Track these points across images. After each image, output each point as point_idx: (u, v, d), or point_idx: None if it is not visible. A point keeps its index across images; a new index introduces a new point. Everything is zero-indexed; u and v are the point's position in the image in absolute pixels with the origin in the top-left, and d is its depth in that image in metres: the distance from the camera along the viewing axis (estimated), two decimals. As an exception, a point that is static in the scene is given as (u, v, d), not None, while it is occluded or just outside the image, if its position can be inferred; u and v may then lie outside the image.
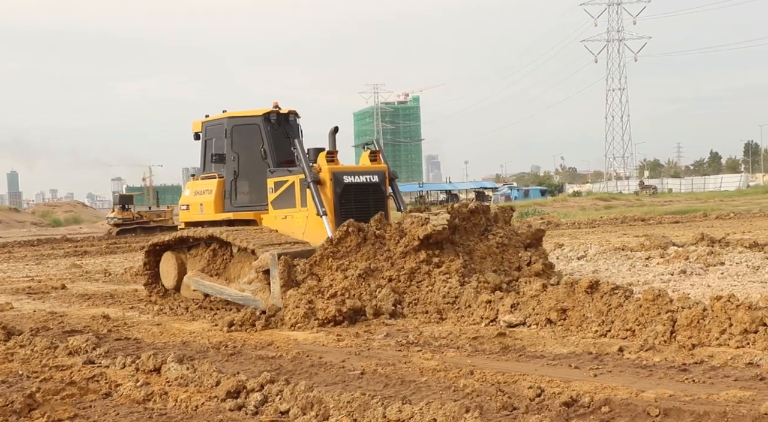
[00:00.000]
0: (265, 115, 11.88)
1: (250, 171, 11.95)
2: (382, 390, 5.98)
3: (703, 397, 5.07)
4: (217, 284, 10.93)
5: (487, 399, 5.38)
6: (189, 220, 12.80)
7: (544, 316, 8.16)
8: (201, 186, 12.66)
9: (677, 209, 38.37)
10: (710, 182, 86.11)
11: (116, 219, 40.69)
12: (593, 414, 4.90)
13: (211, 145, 12.45)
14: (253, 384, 5.95)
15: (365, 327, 8.81)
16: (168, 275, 12.49)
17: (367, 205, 10.90)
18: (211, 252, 11.60)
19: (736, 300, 7.02)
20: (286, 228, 11.17)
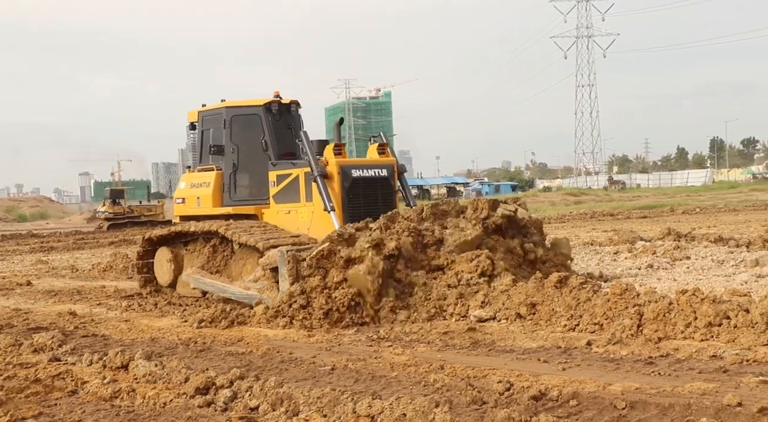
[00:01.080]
0: (266, 105, 11.43)
1: (250, 163, 11.48)
2: (352, 386, 5.98)
3: (669, 390, 5.14)
4: (219, 282, 10.46)
5: (457, 394, 5.40)
6: (185, 214, 12.26)
7: (513, 311, 8.22)
8: (198, 178, 12.11)
9: (645, 204, 38.87)
10: (677, 177, 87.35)
11: (107, 213, 40.49)
12: (561, 408, 4.94)
13: (209, 136, 11.94)
14: (223, 381, 5.91)
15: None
16: (163, 271, 12.03)
17: (376, 200, 10.47)
18: (211, 249, 11.12)
19: (701, 293, 7.13)
20: (290, 224, 10.72)
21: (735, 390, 4.98)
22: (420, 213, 9.92)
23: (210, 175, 11.79)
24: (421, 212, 9.96)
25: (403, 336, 7.91)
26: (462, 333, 7.75)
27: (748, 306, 6.75)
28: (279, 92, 11.76)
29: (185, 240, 11.78)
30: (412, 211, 10.03)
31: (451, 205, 10.29)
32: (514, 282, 8.77)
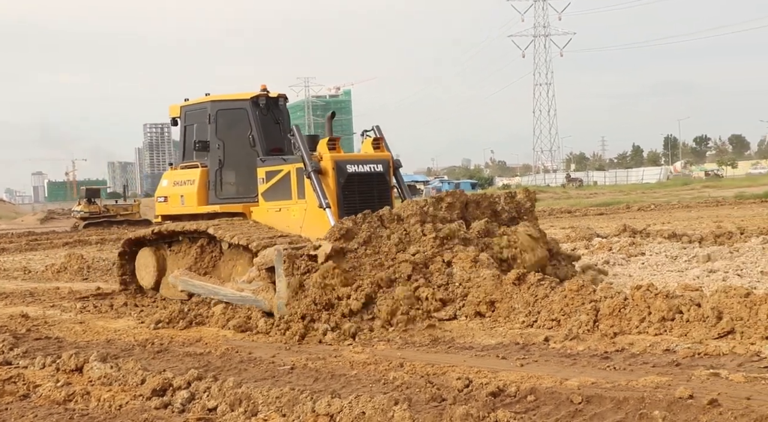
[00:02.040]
0: (253, 99, 10.97)
1: (236, 160, 11.02)
2: (312, 385, 5.97)
3: (623, 384, 5.23)
4: (209, 284, 9.94)
5: (417, 391, 5.42)
6: (167, 214, 11.74)
7: (473, 308, 8.27)
8: (181, 176, 11.58)
9: (602, 201, 39.47)
10: (633, 175, 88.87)
11: (83, 212, 39.94)
12: (519, 404, 4.99)
13: (192, 132, 11.42)
14: (180, 382, 5.84)
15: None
16: (145, 273, 11.48)
17: (372, 196, 10.05)
18: (198, 249, 10.64)
19: (655, 289, 7.27)
20: (280, 222, 10.29)
21: (687, 383, 5.09)
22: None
23: (194, 172, 11.33)
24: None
25: (362, 334, 7.90)
26: (422, 331, 7.78)
27: (700, 300, 6.90)
28: (266, 85, 11.32)
29: (169, 240, 11.31)
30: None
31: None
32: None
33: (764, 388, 4.87)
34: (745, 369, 5.41)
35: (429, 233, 8.92)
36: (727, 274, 9.97)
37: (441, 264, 8.65)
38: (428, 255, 8.70)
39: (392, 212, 9.17)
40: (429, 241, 8.83)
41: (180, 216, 11.42)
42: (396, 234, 8.88)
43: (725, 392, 4.76)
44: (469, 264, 8.52)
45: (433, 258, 8.68)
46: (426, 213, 9.27)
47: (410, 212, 9.18)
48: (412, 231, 8.99)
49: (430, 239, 8.85)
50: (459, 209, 9.77)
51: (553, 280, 8.23)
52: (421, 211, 9.23)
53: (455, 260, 8.62)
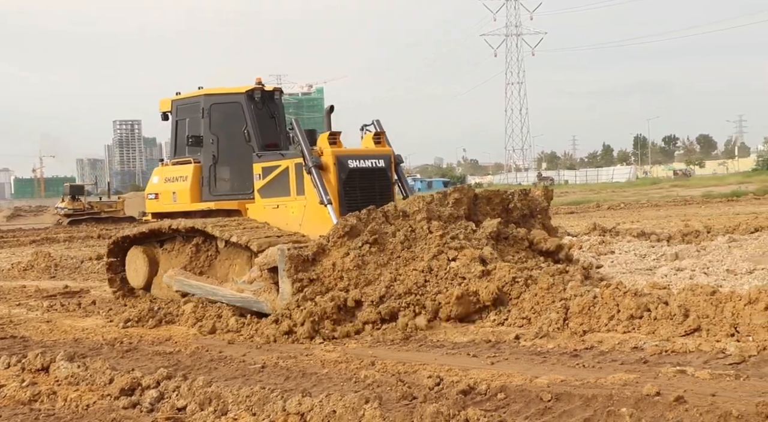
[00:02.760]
0: (248, 93, 10.64)
1: (231, 155, 10.69)
2: (282, 384, 5.95)
3: (592, 381, 5.28)
4: (207, 284, 9.55)
5: (388, 390, 5.43)
6: (159, 211, 11.37)
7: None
8: (173, 172, 11.21)
9: (572, 200, 39.83)
10: (603, 174, 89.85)
11: (66, 209, 39.51)
12: (489, 401, 5.02)
13: (184, 126, 11.08)
14: (149, 381, 5.79)
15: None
16: (136, 273, 11.08)
17: (373, 192, 9.75)
18: (193, 248, 10.26)
19: (624, 287, 7.35)
20: (278, 220, 9.94)
21: (654, 380, 5.15)
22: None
23: (187, 168, 10.97)
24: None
25: (334, 332, 7.89)
26: (394, 329, 7.78)
27: (668, 298, 6.99)
28: (261, 79, 11.03)
29: (161, 238, 10.97)
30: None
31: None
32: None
33: (729, 385, 4.95)
34: (710, 366, 5.49)
35: (435, 231, 8.64)
36: (694, 272, 10.11)
37: (445, 262, 8.34)
38: (434, 252, 8.40)
39: (398, 208, 8.93)
40: (435, 239, 8.55)
41: (172, 214, 11.07)
42: (402, 232, 8.61)
43: (691, 389, 4.83)
44: (470, 262, 8.22)
45: (438, 256, 8.38)
46: (433, 210, 8.98)
47: (416, 208, 8.92)
48: (418, 229, 8.71)
49: (436, 237, 8.57)
50: (466, 205, 9.47)
51: (528, 278, 8.17)
52: (428, 208, 8.94)
53: (459, 257, 8.31)
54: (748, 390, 4.78)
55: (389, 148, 10.33)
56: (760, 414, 4.11)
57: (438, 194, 9.27)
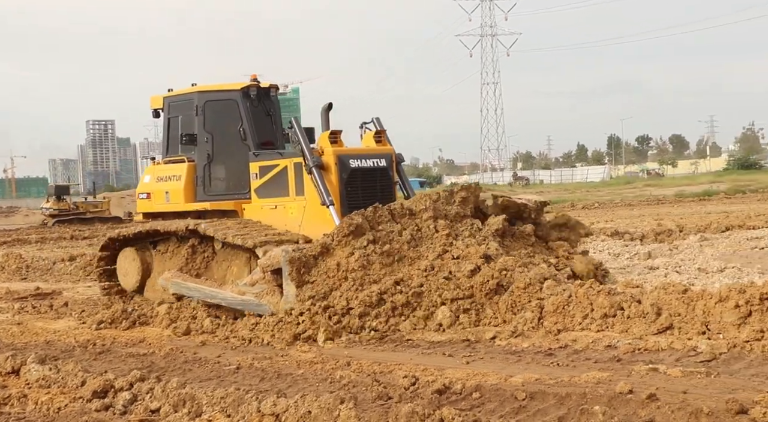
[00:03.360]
0: (243, 90, 10.37)
1: (226, 154, 10.41)
2: (257, 384, 5.93)
3: (566, 380, 5.32)
4: (205, 287, 9.21)
5: (363, 390, 5.43)
6: (151, 211, 11.02)
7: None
8: (166, 171, 10.87)
9: (547, 199, 40.01)
10: (577, 173, 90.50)
11: (52, 209, 38.99)
12: (464, 401, 5.04)
13: (177, 124, 10.76)
14: (122, 383, 5.73)
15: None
16: (128, 275, 10.74)
17: (375, 192, 9.46)
18: (189, 249, 9.96)
19: (597, 286, 7.42)
20: (277, 220, 9.66)
21: (627, 378, 5.20)
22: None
23: (181, 167, 10.64)
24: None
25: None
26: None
27: (640, 297, 7.06)
28: (257, 75, 10.76)
29: (154, 240, 10.65)
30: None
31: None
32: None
33: (700, 382, 5.01)
34: (682, 363, 5.56)
35: (442, 229, 8.46)
36: (666, 271, 10.23)
37: (449, 261, 8.20)
38: (438, 252, 8.25)
39: (404, 206, 8.76)
40: (441, 238, 8.38)
41: (165, 214, 10.79)
42: (408, 231, 8.41)
43: (663, 386, 4.89)
44: (478, 260, 8.07)
45: (443, 255, 8.24)
46: (439, 209, 8.78)
47: (423, 207, 8.72)
48: (425, 228, 8.54)
49: (442, 236, 8.39)
50: (473, 204, 9.27)
51: (505, 278, 8.06)
52: (435, 206, 8.74)
53: (464, 254, 8.18)
54: (718, 387, 4.84)
55: (390, 146, 10.08)
56: (730, 410, 4.17)
57: (444, 192, 9.14)
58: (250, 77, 10.72)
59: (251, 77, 10.72)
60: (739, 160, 62.98)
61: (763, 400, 4.36)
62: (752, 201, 26.94)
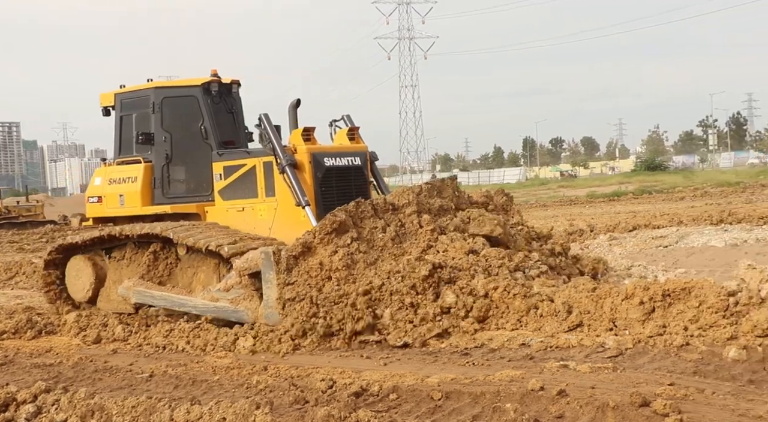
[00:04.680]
0: (204, 86, 9.84)
1: (186, 153, 9.89)
2: (171, 392, 5.81)
3: (481, 378, 5.42)
4: (173, 295, 8.69)
5: (280, 394, 5.38)
6: (103, 216, 10.37)
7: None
8: (119, 173, 10.21)
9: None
10: (494, 175, 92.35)
11: None
12: (381, 402, 5.06)
13: (130, 123, 10.13)
14: (25, 395, 5.51)
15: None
16: (79, 285, 10.01)
17: (350, 192, 9.03)
18: (151, 256, 9.36)
19: (512, 287, 7.54)
20: (244, 223, 9.18)
21: (539, 375, 5.34)
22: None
23: (136, 168, 10.01)
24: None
25: (226, 337, 7.73)
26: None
27: (552, 296, 7.25)
28: (217, 70, 10.21)
29: (108, 246, 9.96)
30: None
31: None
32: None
33: (607, 377, 5.19)
34: (590, 360, 5.74)
35: (426, 225, 8.17)
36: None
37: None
38: (423, 248, 7.95)
39: (387, 201, 8.40)
40: (426, 234, 8.09)
41: (120, 219, 10.17)
42: (392, 227, 8.06)
43: (573, 382, 5.04)
44: (462, 254, 7.80)
45: (427, 250, 7.95)
46: (423, 202, 8.47)
47: (406, 201, 8.39)
48: (408, 223, 8.20)
49: (427, 231, 8.10)
50: (454, 196, 9.07)
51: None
52: (418, 200, 8.43)
53: (449, 249, 7.93)
54: (624, 381, 5.02)
55: (365, 144, 9.71)
56: (634, 403, 4.34)
57: (426, 185, 8.86)
58: (211, 72, 10.18)
59: (211, 72, 10.18)
60: (645, 162, 65.61)
61: (664, 393, 4.56)
62: (658, 201, 28.10)
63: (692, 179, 41.32)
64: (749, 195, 26.88)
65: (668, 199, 28.69)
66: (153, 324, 8.55)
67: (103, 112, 10.68)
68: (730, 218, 16.15)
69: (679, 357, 5.49)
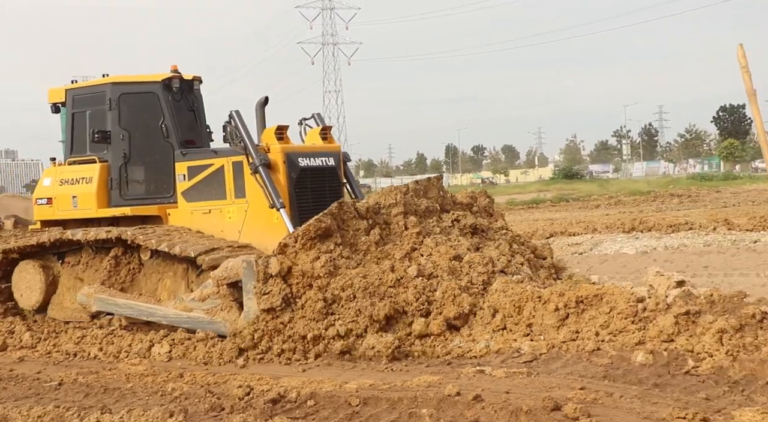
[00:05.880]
0: (164, 82, 9.35)
1: (146, 153, 9.39)
2: (81, 401, 5.64)
3: (399, 384, 5.46)
4: (140, 303, 8.23)
5: (196, 402, 5.29)
6: (53, 219, 9.74)
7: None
8: (72, 173, 9.63)
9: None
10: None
11: None
12: (299, 409, 5.04)
13: (83, 120, 9.61)
14: None
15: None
16: (28, 292, 9.42)
17: (324, 194, 8.70)
18: (112, 261, 8.85)
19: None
20: (211, 226, 8.75)
21: (456, 380, 5.41)
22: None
23: (91, 168, 9.44)
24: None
25: (141, 344, 7.54)
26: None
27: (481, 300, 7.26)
28: (177, 66, 9.74)
29: (60, 251, 9.41)
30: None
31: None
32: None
33: (521, 382, 5.31)
34: (506, 365, 5.86)
35: (412, 227, 7.82)
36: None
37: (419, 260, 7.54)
38: (406, 250, 7.58)
39: (372, 201, 8.09)
40: (411, 237, 7.73)
41: (72, 222, 9.56)
42: (376, 230, 7.69)
43: (488, 387, 5.13)
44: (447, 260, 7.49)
45: (411, 253, 7.58)
46: (410, 203, 8.12)
47: (392, 201, 8.02)
48: (393, 224, 7.86)
49: (413, 234, 7.75)
50: (439, 197, 8.76)
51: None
52: (405, 201, 8.07)
53: (434, 253, 7.60)
54: (537, 386, 5.15)
55: (338, 144, 9.40)
56: (546, 407, 4.45)
57: (413, 184, 8.57)
58: (171, 68, 9.70)
59: (171, 68, 9.70)
60: (563, 170, 67.51)
61: (575, 397, 4.70)
62: (574, 208, 28.93)
63: (607, 188, 42.67)
64: (659, 204, 27.99)
65: (584, 206, 29.57)
66: (63, 331, 8.24)
67: (52, 108, 10.17)
68: (641, 226, 16.77)
69: (590, 362, 5.66)
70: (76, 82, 9.99)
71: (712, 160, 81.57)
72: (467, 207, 8.99)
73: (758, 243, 13.19)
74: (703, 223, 16.54)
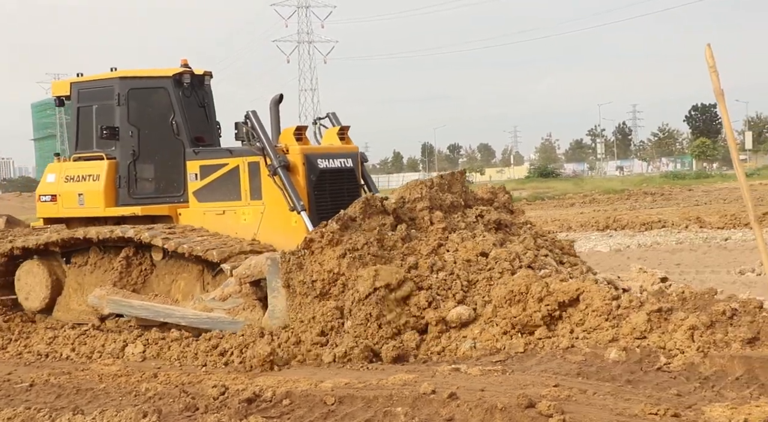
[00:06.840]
0: (175, 77, 9.05)
1: (155, 150, 9.14)
2: (53, 402, 5.59)
3: (375, 383, 5.45)
4: (157, 304, 8.02)
5: (170, 402, 5.26)
6: (57, 216, 9.49)
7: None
8: (78, 170, 9.32)
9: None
10: (393, 180, 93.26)
11: None
12: (274, 408, 5.03)
13: (90, 115, 9.29)
14: None
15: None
16: (33, 293, 9.17)
17: (342, 196, 8.39)
18: (123, 261, 8.61)
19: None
20: (225, 227, 8.50)
21: (431, 379, 5.42)
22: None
23: (99, 165, 9.11)
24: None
25: (114, 344, 7.47)
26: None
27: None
28: (187, 61, 9.44)
29: (66, 251, 9.16)
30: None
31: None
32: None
33: (496, 380, 5.33)
34: (482, 363, 5.89)
35: (438, 222, 7.62)
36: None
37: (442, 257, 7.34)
38: (433, 246, 7.36)
39: (397, 195, 7.94)
40: (437, 232, 7.53)
41: (76, 220, 9.29)
42: (402, 226, 7.47)
43: (463, 385, 5.15)
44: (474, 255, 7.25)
45: (437, 249, 7.37)
46: (435, 198, 7.92)
47: (417, 195, 7.82)
48: (419, 219, 7.65)
49: (438, 229, 7.55)
50: (463, 191, 8.57)
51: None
52: (431, 196, 7.87)
53: (460, 249, 7.37)
54: (512, 383, 5.18)
55: (356, 145, 9.12)
56: (520, 405, 4.48)
57: (438, 178, 8.37)
58: (181, 62, 9.41)
59: (182, 62, 9.41)
60: (539, 169, 67.97)
61: (549, 394, 4.73)
62: (549, 207, 29.15)
63: (581, 186, 43.01)
64: (633, 202, 28.30)
65: (559, 205, 29.81)
66: (34, 331, 8.14)
67: (56, 102, 9.88)
68: (615, 224, 16.96)
69: (565, 359, 5.70)
70: (82, 76, 9.66)
71: (685, 158, 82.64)
72: (488, 202, 8.85)
73: (729, 241, 13.40)
74: (676, 221, 16.77)
